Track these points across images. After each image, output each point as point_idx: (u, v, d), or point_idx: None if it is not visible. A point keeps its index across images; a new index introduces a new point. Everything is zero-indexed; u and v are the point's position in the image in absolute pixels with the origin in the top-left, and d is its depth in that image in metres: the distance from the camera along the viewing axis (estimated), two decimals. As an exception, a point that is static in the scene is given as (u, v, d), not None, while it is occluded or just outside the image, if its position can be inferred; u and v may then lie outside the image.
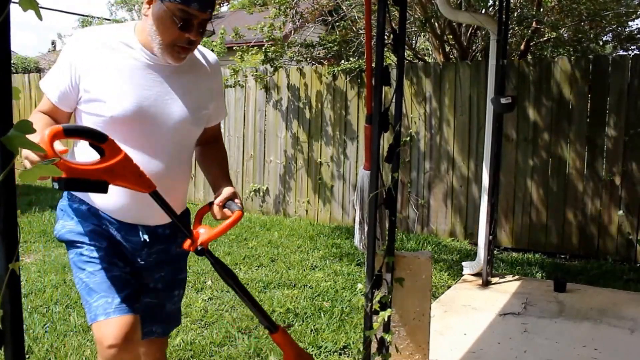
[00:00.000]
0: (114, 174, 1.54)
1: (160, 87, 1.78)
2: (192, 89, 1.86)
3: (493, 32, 4.23)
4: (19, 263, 1.02)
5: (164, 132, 1.79)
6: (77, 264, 1.81)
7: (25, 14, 0.95)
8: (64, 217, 1.87)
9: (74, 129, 1.57)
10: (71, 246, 1.84)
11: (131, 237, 1.84)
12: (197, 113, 1.88)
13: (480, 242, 4.36)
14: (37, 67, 16.28)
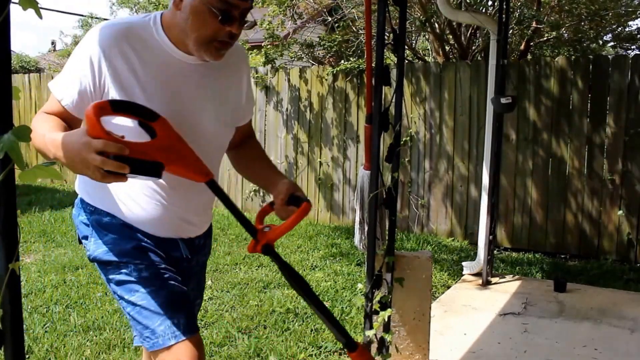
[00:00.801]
0: (170, 156, 1.35)
1: (193, 88, 1.59)
2: (225, 87, 1.68)
3: (493, 32, 4.23)
4: (19, 263, 1.02)
5: (198, 136, 1.57)
6: (123, 286, 1.59)
7: (26, 14, 0.95)
8: (95, 235, 1.63)
9: (122, 104, 1.39)
10: (112, 267, 1.61)
11: (172, 253, 1.66)
12: (233, 114, 1.71)
13: (480, 242, 4.36)
14: (37, 67, 16.28)
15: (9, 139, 0.93)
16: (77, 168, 1.27)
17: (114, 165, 1.24)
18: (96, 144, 1.23)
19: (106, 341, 3.19)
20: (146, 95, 1.50)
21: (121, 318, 3.52)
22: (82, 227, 1.67)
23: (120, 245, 1.59)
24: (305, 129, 6.52)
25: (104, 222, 1.61)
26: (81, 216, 1.67)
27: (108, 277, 1.63)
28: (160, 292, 1.56)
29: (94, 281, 4.23)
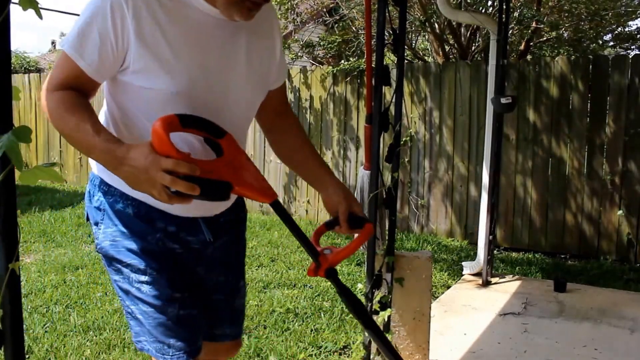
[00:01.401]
0: (237, 176, 1.25)
1: (222, 47, 1.40)
2: (256, 47, 1.49)
3: (493, 32, 4.23)
4: (19, 263, 1.02)
5: (227, 98, 1.43)
6: (129, 291, 1.45)
7: (25, 14, 0.95)
8: (105, 221, 1.45)
9: (191, 118, 1.24)
10: (119, 265, 1.45)
11: (192, 237, 1.49)
12: (264, 77, 1.54)
13: (480, 242, 4.36)
14: (37, 67, 16.28)
15: (8, 139, 0.93)
16: (138, 184, 1.18)
17: (184, 186, 1.14)
18: (166, 163, 1.14)
19: (106, 341, 3.19)
20: (174, 54, 1.32)
21: (121, 318, 3.52)
22: (94, 211, 1.48)
23: (130, 242, 1.43)
24: (305, 129, 6.51)
25: (117, 209, 1.43)
26: (95, 196, 1.47)
27: (115, 277, 1.50)
28: (157, 314, 1.43)
29: (94, 281, 4.23)
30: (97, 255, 4.89)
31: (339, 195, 1.57)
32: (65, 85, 1.29)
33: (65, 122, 1.26)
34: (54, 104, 1.28)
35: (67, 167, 8.70)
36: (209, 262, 1.55)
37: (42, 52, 21.56)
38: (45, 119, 8.90)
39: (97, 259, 4.78)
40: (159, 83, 1.31)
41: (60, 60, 1.31)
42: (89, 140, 1.23)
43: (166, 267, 1.43)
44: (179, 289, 1.45)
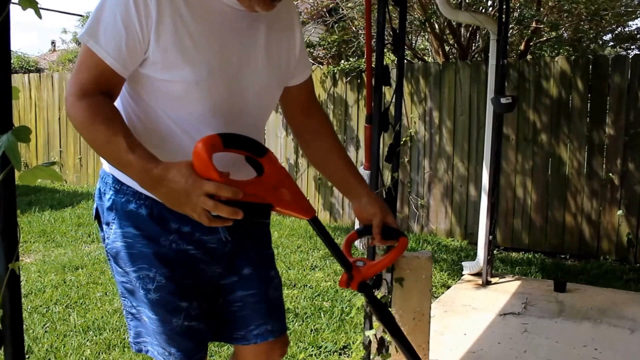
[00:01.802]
0: (278, 195, 1.20)
1: (242, 38, 1.36)
2: (276, 40, 1.44)
3: (493, 32, 4.23)
4: (19, 263, 1.02)
5: (249, 96, 1.38)
6: (136, 293, 1.39)
7: (25, 15, 0.95)
8: (117, 222, 1.37)
9: (234, 139, 1.19)
10: (128, 268, 1.38)
11: (208, 237, 1.41)
12: (284, 70, 1.48)
13: (480, 242, 4.36)
14: (37, 67, 16.29)
15: (8, 139, 0.93)
16: (178, 206, 1.15)
17: (228, 211, 1.10)
18: (208, 187, 1.10)
19: (106, 341, 3.19)
20: (194, 44, 1.27)
21: (121, 318, 3.51)
22: (105, 211, 1.40)
23: (140, 244, 1.35)
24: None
25: (129, 209, 1.35)
26: (107, 195, 1.39)
27: (117, 276, 1.44)
28: (161, 322, 1.38)
29: (93, 281, 4.23)
30: (97, 255, 4.89)
31: (374, 207, 1.52)
32: (92, 87, 1.22)
33: (95, 134, 1.20)
34: (82, 113, 1.20)
35: (67, 167, 8.70)
36: (229, 259, 1.46)
37: (41, 52, 21.58)
38: (44, 119, 8.90)
39: (97, 259, 4.78)
40: (178, 74, 1.26)
41: (84, 58, 1.23)
42: (123, 156, 1.17)
43: (176, 274, 1.37)
44: (187, 296, 1.38)
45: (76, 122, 1.21)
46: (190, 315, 1.39)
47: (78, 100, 1.20)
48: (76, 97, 1.20)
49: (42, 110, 8.92)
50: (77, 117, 1.20)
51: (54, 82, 8.83)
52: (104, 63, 1.21)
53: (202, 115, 1.31)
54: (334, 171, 1.60)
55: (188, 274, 1.39)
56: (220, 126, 1.32)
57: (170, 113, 1.30)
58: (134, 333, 1.45)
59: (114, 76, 1.23)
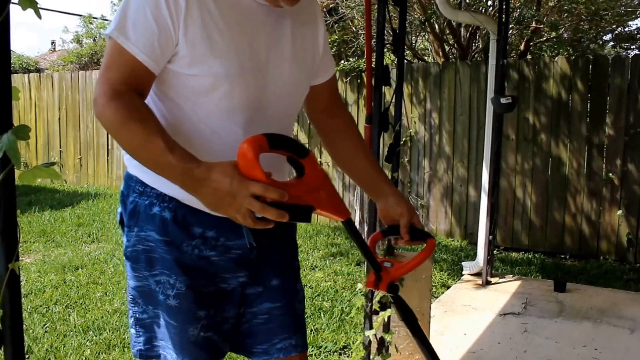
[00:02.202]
0: (319, 198, 1.18)
1: (268, 34, 1.32)
2: (301, 35, 1.40)
3: (493, 32, 4.23)
4: (19, 263, 1.02)
5: (278, 92, 1.34)
6: (155, 298, 1.33)
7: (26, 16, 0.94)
8: (139, 225, 1.32)
9: (279, 139, 1.16)
10: (147, 273, 1.32)
11: (233, 242, 1.34)
12: (310, 66, 1.44)
13: (480, 242, 4.36)
14: (37, 67, 16.28)
15: (8, 138, 0.93)
16: (220, 207, 1.10)
17: (274, 213, 1.07)
18: (255, 188, 1.06)
19: (106, 341, 3.19)
20: (223, 39, 1.23)
21: (121, 318, 3.52)
22: (127, 214, 1.35)
23: (162, 249, 1.30)
24: (305, 130, 6.52)
25: (153, 213, 1.30)
26: (129, 197, 1.34)
27: (133, 280, 1.36)
28: (177, 331, 1.32)
29: (93, 281, 4.23)
30: (97, 255, 4.89)
31: (402, 207, 1.49)
32: (124, 86, 1.16)
33: (130, 135, 1.15)
34: (116, 113, 1.14)
35: (67, 167, 8.70)
36: (256, 267, 1.39)
37: (41, 52, 21.57)
38: (44, 119, 8.90)
39: (97, 259, 4.78)
40: (208, 68, 1.22)
41: (113, 56, 1.18)
42: (161, 157, 1.12)
43: (197, 282, 1.31)
44: (206, 305, 1.33)
45: (109, 124, 1.16)
46: (207, 325, 1.33)
47: (110, 100, 1.15)
48: (108, 97, 1.15)
49: (42, 110, 8.92)
50: (110, 118, 1.15)
51: (54, 82, 8.83)
52: (135, 60, 1.17)
53: (231, 112, 1.26)
54: (359, 171, 1.57)
55: (209, 282, 1.33)
56: (249, 123, 1.28)
57: (197, 110, 1.25)
58: (144, 339, 1.38)
59: (145, 73, 1.19)
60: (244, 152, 1.08)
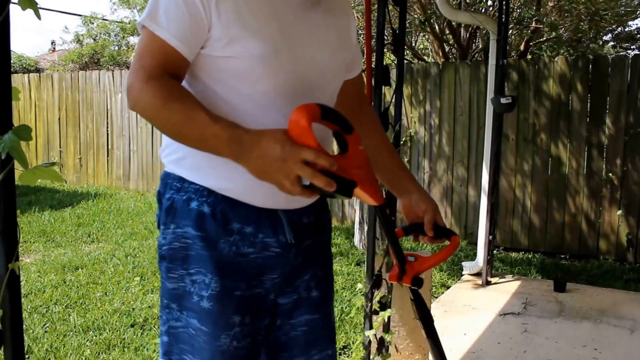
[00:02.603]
0: (360, 175, 1.16)
1: (305, 24, 1.29)
2: (333, 25, 1.37)
3: (493, 32, 4.23)
4: (19, 263, 1.02)
5: (315, 79, 1.31)
6: (186, 302, 1.27)
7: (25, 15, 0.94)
8: (176, 221, 1.27)
9: (330, 111, 1.14)
10: (182, 271, 1.27)
11: (271, 239, 1.29)
12: (342, 56, 1.41)
13: (479, 242, 4.36)
14: (37, 67, 16.29)
15: (10, 138, 0.93)
16: (268, 174, 1.08)
17: (324, 180, 1.05)
18: (307, 154, 1.04)
19: (106, 341, 3.19)
20: (257, 21, 1.20)
21: (121, 318, 3.52)
22: (164, 212, 1.30)
23: (199, 246, 1.25)
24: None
25: (191, 208, 1.26)
26: (166, 195, 1.30)
27: (166, 282, 1.30)
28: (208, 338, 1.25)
29: (93, 281, 4.23)
30: (97, 255, 4.89)
31: (426, 203, 1.46)
32: (158, 70, 1.15)
33: (171, 114, 1.13)
34: (154, 95, 1.13)
35: (67, 167, 8.70)
36: (292, 269, 1.35)
37: (41, 52, 21.57)
38: (44, 119, 8.90)
39: (97, 259, 4.78)
40: (243, 49, 1.18)
41: (147, 43, 1.17)
42: (207, 129, 1.10)
43: (232, 283, 1.26)
44: (240, 310, 1.27)
45: (148, 107, 1.15)
46: (240, 333, 1.27)
47: (146, 84, 1.13)
48: (143, 81, 1.14)
49: (42, 110, 8.92)
50: (149, 100, 1.14)
51: (54, 82, 8.83)
52: (169, 46, 1.15)
53: (267, 94, 1.22)
54: (384, 167, 1.53)
55: (245, 283, 1.28)
56: (285, 107, 1.21)
57: (232, 94, 1.22)
58: (164, 351, 1.31)
59: (179, 59, 1.17)
60: (298, 119, 1.07)
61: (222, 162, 1.19)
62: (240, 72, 1.20)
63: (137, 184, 8.11)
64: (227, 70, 1.21)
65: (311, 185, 1.07)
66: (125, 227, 6.01)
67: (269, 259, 1.29)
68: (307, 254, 1.37)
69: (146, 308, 3.69)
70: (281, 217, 1.29)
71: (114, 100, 8.23)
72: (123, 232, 5.79)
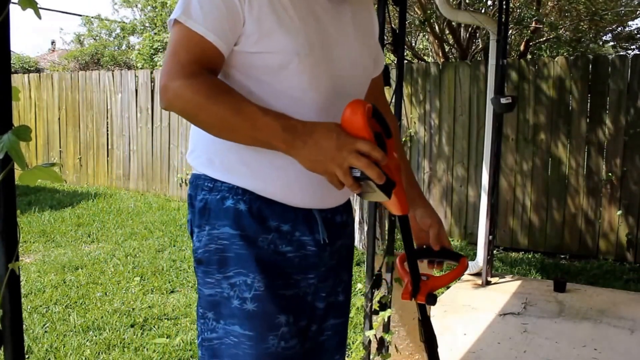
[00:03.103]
0: (397, 178, 1.16)
1: (335, 16, 1.28)
2: (359, 22, 1.35)
3: (493, 32, 4.23)
4: (19, 263, 1.02)
5: (347, 73, 1.29)
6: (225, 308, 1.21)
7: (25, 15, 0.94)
8: (211, 222, 1.23)
9: (379, 112, 1.14)
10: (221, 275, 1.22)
11: (308, 237, 1.27)
12: (370, 55, 1.39)
13: (479, 242, 4.36)
14: (37, 67, 16.29)
15: (9, 138, 0.93)
16: (320, 164, 1.07)
17: (375, 172, 1.05)
18: (363, 145, 1.05)
19: (106, 341, 3.19)
20: (290, 16, 1.18)
21: (121, 318, 3.52)
22: (197, 215, 1.26)
23: (238, 245, 1.20)
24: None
25: (227, 207, 1.21)
26: (198, 197, 1.26)
27: (204, 287, 1.24)
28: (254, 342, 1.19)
29: (93, 281, 4.23)
30: (96, 255, 4.89)
31: (432, 218, 1.44)
32: (196, 66, 1.11)
33: (219, 109, 1.09)
34: (197, 91, 1.09)
35: (67, 167, 8.70)
36: (326, 270, 1.33)
37: (41, 52, 21.57)
38: (44, 119, 8.90)
39: (96, 259, 4.78)
40: (276, 43, 1.16)
41: (181, 39, 1.13)
42: (258, 121, 1.08)
43: (275, 281, 1.22)
44: (286, 309, 1.23)
45: (189, 104, 1.11)
46: (288, 333, 1.23)
47: (187, 80, 1.10)
48: (183, 78, 1.10)
49: (41, 110, 8.93)
50: (192, 97, 1.10)
51: (54, 82, 8.83)
52: (205, 41, 1.12)
53: (302, 90, 1.20)
54: None
55: (285, 282, 1.25)
56: (319, 104, 1.21)
57: (266, 90, 1.19)
58: None
59: (216, 55, 1.14)
60: (354, 112, 1.08)
61: (256, 162, 1.19)
62: (274, 68, 1.18)
63: (137, 184, 8.11)
64: (260, 67, 1.18)
65: (359, 178, 1.07)
66: (125, 227, 6.01)
67: (306, 258, 1.27)
68: (340, 254, 1.36)
69: (146, 308, 3.69)
70: (316, 215, 1.27)
71: (114, 100, 8.23)
72: (123, 232, 5.79)
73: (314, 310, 1.32)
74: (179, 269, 4.56)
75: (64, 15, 53.61)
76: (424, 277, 1.37)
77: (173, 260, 4.80)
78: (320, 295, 1.32)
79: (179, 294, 4.00)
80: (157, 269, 4.55)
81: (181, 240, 5.49)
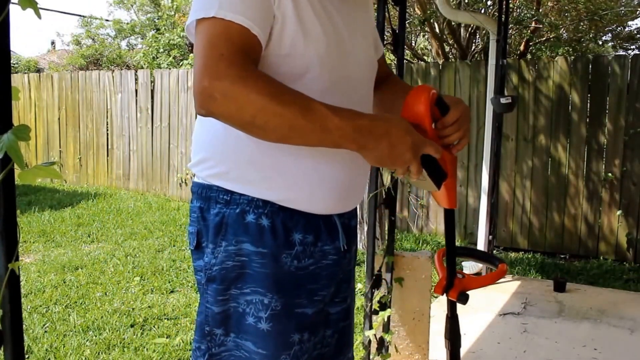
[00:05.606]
0: (449, 169, 1.17)
1: (343, 11, 1.24)
2: (361, 13, 1.34)
3: (493, 32, 4.23)
4: (19, 263, 1.02)
5: (360, 69, 1.28)
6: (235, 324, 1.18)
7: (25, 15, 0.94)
8: (228, 238, 1.16)
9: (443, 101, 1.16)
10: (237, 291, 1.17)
11: (329, 246, 1.24)
12: (373, 46, 1.39)
13: (479, 242, 4.36)
14: (37, 67, 16.27)
15: (8, 138, 0.93)
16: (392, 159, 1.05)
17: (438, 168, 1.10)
18: (431, 150, 1.09)
19: (106, 341, 3.19)
20: (311, 18, 1.14)
21: (120, 318, 3.51)
22: (212, 230, 1.18)
23: (258, 263, 1.15)
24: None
25: (247, 222, 1.15)
26: (213, 210, 1.18)
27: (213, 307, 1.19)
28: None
29: (93, 281, 4.23)
30: (96, 255, 4.88)
31: None
32: (245, 58, 1.00)
33: (283, 109, 0.98)
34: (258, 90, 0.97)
35: (67, 167, 8.70)
36: (344, 276, 1.31)
37: (41, 52, 21.56)
38: (44, 119, 8.89)
39: (96, 259, 4.78)
40: (298, 47, 1.11)
41: (219, 33, 1.01)
42: (328, 122, 1.00)
43: (294, 300, 1.19)
44: (300, 328, 1.20)
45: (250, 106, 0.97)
46: (299, 351, 1.20)
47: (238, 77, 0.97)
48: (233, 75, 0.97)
49: (41, 110, 8.93)
50: (252, 97, 0.96)
51: (54, 82, 8.83)
52: (250, 35, 1.03)
53: (322, 92, 1.13)
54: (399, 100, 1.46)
55: (305, 299, 1.21)
56: (338, 104, 1.11)
57: None
58: None
59: (259, 49, 1.05)
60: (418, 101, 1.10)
61: (278, 173, 1.14)
62: (297, 73, 1.13)
63: (137, 184, 8.11)
64: (285, 72, 1.11)
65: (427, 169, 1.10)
66: (125, 227, 6.01)
67: (326, 268, 1.24)
68: (352, 260, 1.34)
69: (146, 308, 3.69)
70: (336, 221, 1.24)
71: (114, 100, 8.23)
72: (123, 232, 5.79)
73: (328, 316, 1.30)
74: (178, 268, 4.56)
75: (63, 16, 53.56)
76: (460, 275, 1.38)
77: (173, 260, 4.80)
78: (334, 301, 1.30)
79: (179, 293, 4.00)
80: (157, 268, 4.55)
81: (181, 240, 5.49)
